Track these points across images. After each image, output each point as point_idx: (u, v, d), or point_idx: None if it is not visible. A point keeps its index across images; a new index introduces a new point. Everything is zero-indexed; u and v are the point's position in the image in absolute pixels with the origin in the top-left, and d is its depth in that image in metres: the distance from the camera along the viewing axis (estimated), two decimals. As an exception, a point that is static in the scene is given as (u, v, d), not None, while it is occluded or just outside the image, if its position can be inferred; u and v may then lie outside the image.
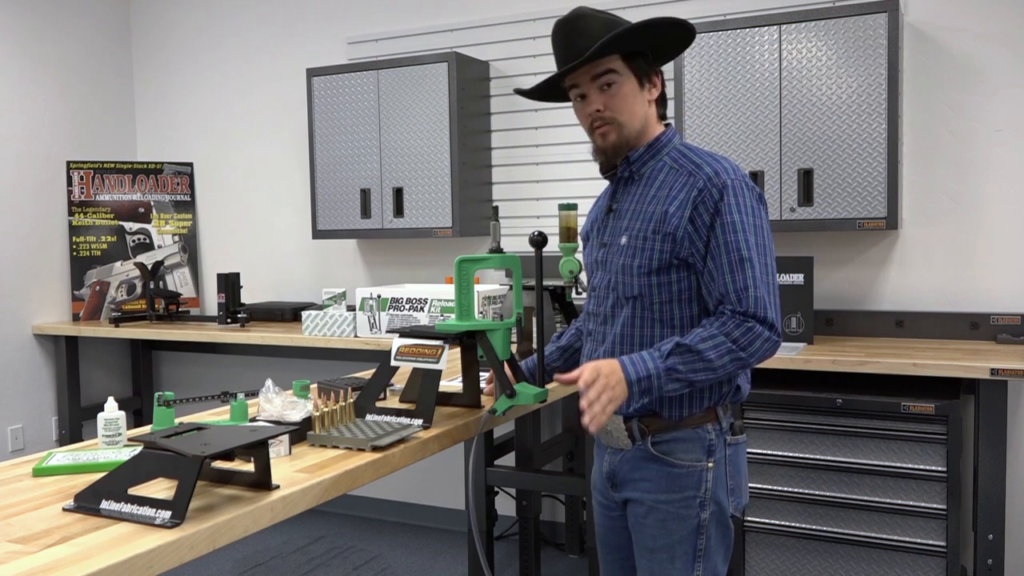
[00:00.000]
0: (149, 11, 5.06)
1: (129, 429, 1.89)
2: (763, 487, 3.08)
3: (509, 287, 3.50)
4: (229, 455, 1.53)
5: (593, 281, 1.92)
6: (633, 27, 1.73)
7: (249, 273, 4.78)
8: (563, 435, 3.80)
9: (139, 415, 4.93)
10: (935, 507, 2.85)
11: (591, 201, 3.83)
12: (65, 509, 1.41)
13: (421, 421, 1.89)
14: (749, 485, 3.03)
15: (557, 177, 4.02)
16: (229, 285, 4.36)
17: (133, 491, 1.39)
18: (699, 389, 1.75)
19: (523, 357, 2.22)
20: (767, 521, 3.09)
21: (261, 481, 1.50)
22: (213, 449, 1.39)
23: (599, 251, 1.90)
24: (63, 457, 1.71)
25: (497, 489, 3.69)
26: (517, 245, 4.03)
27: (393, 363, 1.99)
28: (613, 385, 1.65)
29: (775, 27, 3.26)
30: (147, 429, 1.91)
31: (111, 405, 1.83)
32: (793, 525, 3.05)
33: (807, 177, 3.24)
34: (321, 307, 4.00)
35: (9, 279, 4.47)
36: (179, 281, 4.94)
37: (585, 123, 1.84)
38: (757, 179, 3.31)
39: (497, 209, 3.08)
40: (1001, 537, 2.80)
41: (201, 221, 5.00)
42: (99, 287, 4.75)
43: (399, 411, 1.95)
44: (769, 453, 3.08)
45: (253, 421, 1.90)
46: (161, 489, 1.48)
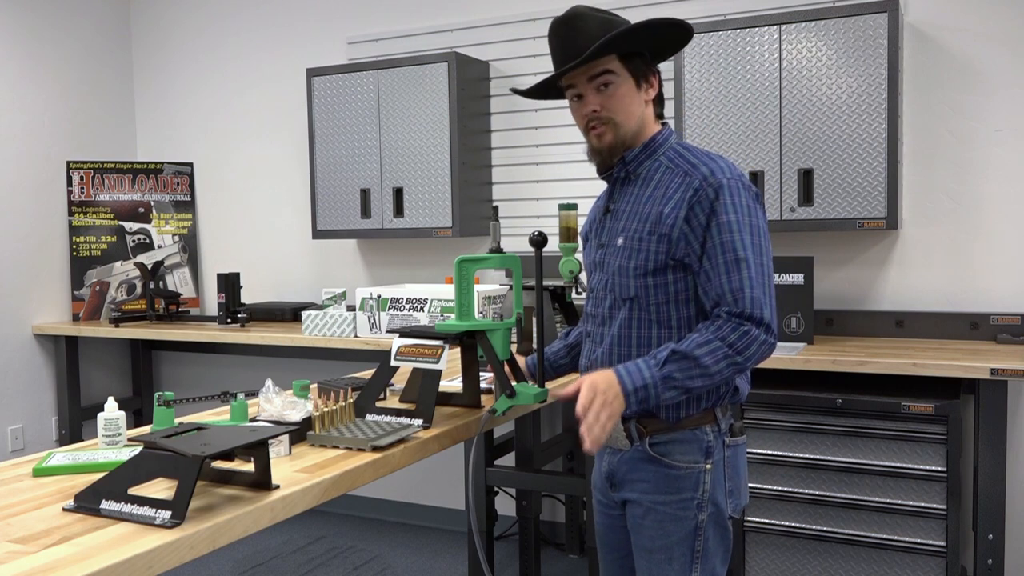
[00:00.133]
0: (149, 11, 5.06)
1: (129, 429, 1.89)
2: (763, 487, 3.08)
3: (509, 287, 3.50)
4: (229, 455, 1.53)
5: (591, 282, 1.92)
6: (630, 28, 1.72)
7: (249, 273, 4.78)
8: (563, 435, 3.80)
9: (139, 415, 4.94)
10: (935, 507, 2.85)
11: (591, 201, 3.83)
12: (65, 509, 1.41)
13: (421, 421, 1.89)
14: (749, 485, 3.05)
15: (557, 177, 4.02)
16: (229, 285, 4.36)
17: (133, 491, 1.39)
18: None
19: (524, 356, 2.22)
20: (767, 521, 3.09)
21: (261, 481, 1.50)
22: (213, 449, 1.39)
23: (597, 252, 1.90)
24: (63, 457, 1.71)
25: (497, 489, 3.69)
26: (517, 245, 4.03)
27: (393, 363, 1.99)
28: (611, 400, 1.64)
29: (775, 27, 3.26)
30: (147, 429, 1.91)
31: (111, 405, 1.83)
32: (793, 525, 3.05)
33: (807, 177, 3.24)
34: (321, 307, 4.00)
35: (9, 279, 4.47)
36: (179, 281, 4.94)
37: (581, 123, 1.83)
38: (757, 179, 3.32)
39: (497, 209, 3.08)
40: (1001, 537, 2.80)
41: (201, 221, 5.00)
42: (99, 287, 4.75)
43: (399, 411, 1.95)
44: (769, 453, 3.08)
45: (253, 421, 1.90)
46: (161, 489, 1.48)
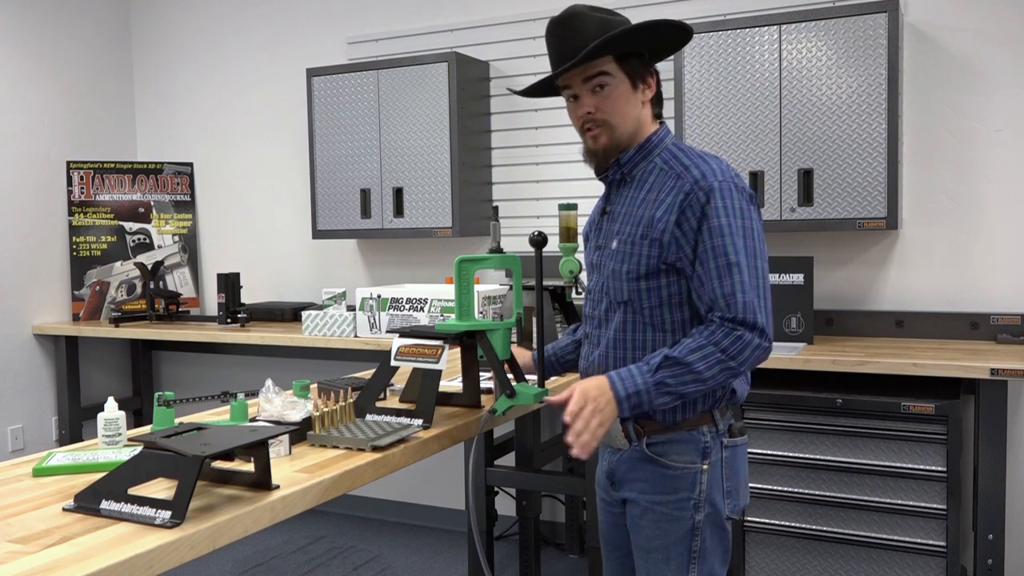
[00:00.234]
0: (149, 11, 5.06)
1: (129, 429, 1.89)
2: (763, 487, 3.08)
3: (509, 287, 3.50)
4: (229, 455, 1.53)
5: (589, 283, 1.92)
6: (626, 30, 1.70)
7: (249, 273, 4.78)
8: (563, 435, 3.79)
9: (139, 415, 4.94)
10: (935, 507, 2.85)
11: (591, 201, 3.84)
12: (65, 509, 1.41)
13: (421, 421, 1.89)
14: (749, 485, 3.05)
15: (557, 177, 4.02)
16: (229, 285, 4.36)
17: (133, 491, 1.39)
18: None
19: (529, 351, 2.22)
20: (767, 521, 3.09)
21: (261, 481, 1.50)
22: (213, 449, 1.39)
23: (594, 254, 1.90)
24: (63, 457, 1.71)
25: (497, 489, 3.69)
26: (517, 245, 4.03)
27: (393, 363, 1.99)
28: (602, 407, 1.66)
29: (775, 27, 3.26)
30: (147, 429, 1.91)
31: (111, 405, 1.83)
32: (793, 525, 3.05)
33: (807, 177, 3.24)
34: (321, 307, 4.00)
35: (9, 279, 4.47)
36: (179, 281, 4.94)
37: (577, 124, 1.83)
38: (757, 179, 3.32)
39: (497, 209, 3.08)
40: (1001, 537, 2.80)
41: (201, 221, 5.00)
42: (99, 287, 4.75)
43: (399, 411, 1.95)
44: (769, 453, 3.08)
45: (253, 421, 1.90)
46: (161, 489, 1.48)
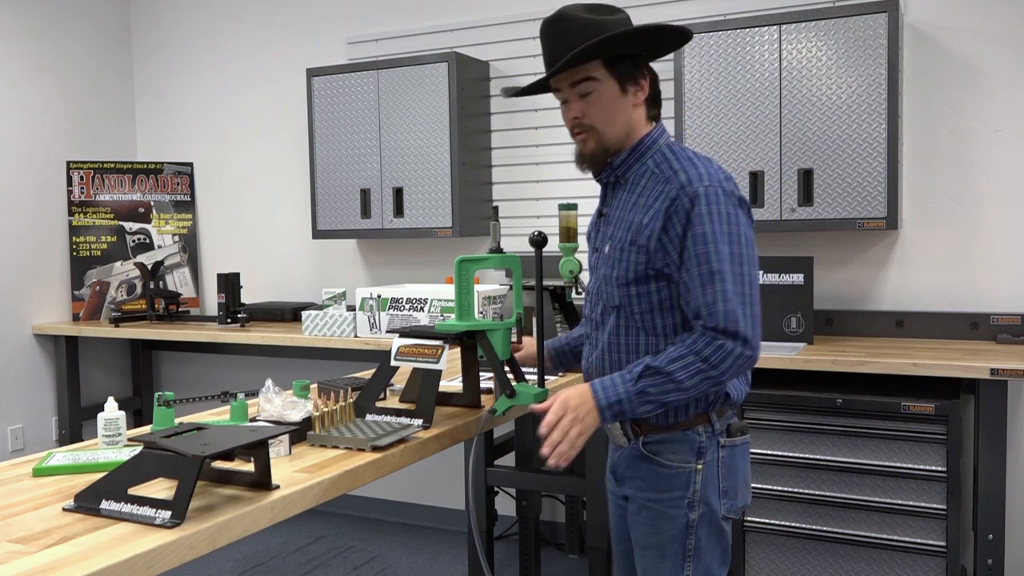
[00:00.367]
0: (149, 11, 5.06)
1: (129, 429, 1.89)
2: (763, 487, 3.08)
3: (509, 287, 3.50)
4: (229, 455, 1.53)
5: (588, 284, 1.93)
6: (608, 37, 1.68)
7: (249, 273, 4.78)
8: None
9: (139, 415, 4.94)
10: (935, 507, 2.85)
11: (591, 201, 3.84)
12: (65, 509, 1.41)
13: (421, 421, 1.89)
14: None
15: (557, 177, 4.02)
16: (229, 285, 4.36)
17: (133, 491, 1.39)
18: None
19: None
20: (767, 521, 3.09)
21: (261, 481, 1.50)
22: (213, 449, 1.39)
23: (592, 256, 1.90)
24: (63, 457, 1.71)
25: (497, 489, 3.69)
26: (517, 245, 4.03)
27: (393, 363, 1.99)
28: (583, 417, 1.67)
29: (775, 27, 3.26)
30: (147, 429, 1.91)
31: (111, 405, 1.83)
32: (793, 525, 3.05)
33: (807, 177, 3.24)
34: (321, 307, 4.00)
35: (9, 279, 4.47)
36: (179, 281, 4.94)
37: (568, 128, 1.84)
38: (757, 179, 3.32)
39: (497, 209, 3.08)
40: (1001, 537, 2.80)
41: (201, 221, 5.00)
42: (99, 287, 4.75)
43: (399, 411, 1.95)
44: (769, 453, 3.08)
45: (253, 421, 1.90)
46: (161, 489, 1.48)
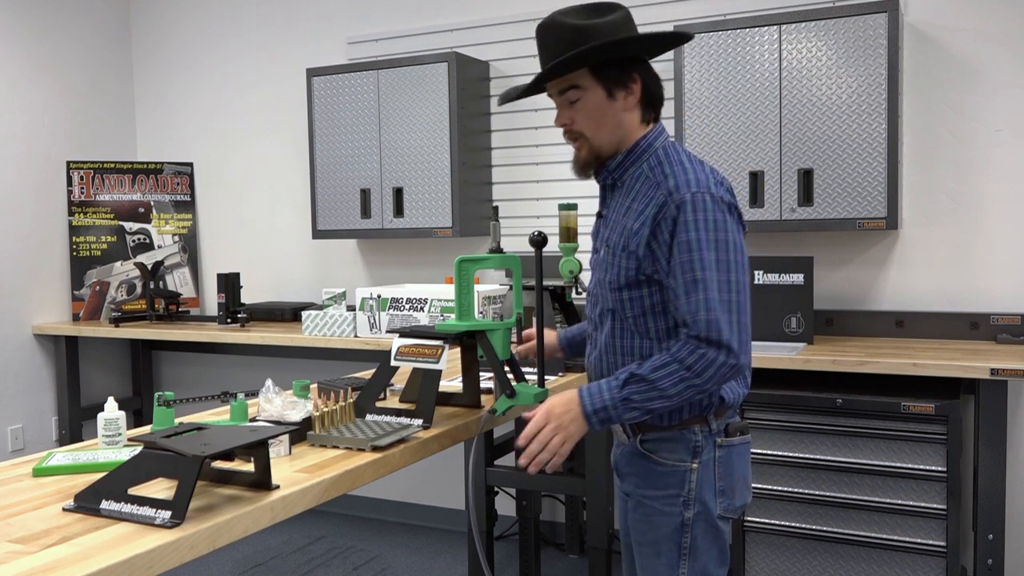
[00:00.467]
0: (149, 11, 5.06)
1: (129, 429, 1.89)
2: (763, 487, 3.08)
3: (509, 287, 3.50)
4: (229, 455, 1.53)
5: (589, 284, 1.93)
6: (583, 51, 1.68)
7: (249, 273, 4.78)
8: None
9: (139, 415, 4.94)
10: (935, 507, 2.85)
11: (591, 201, 3.83)
12: (65, 509, 1.41)
13: (421, 421, 1.89)
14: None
15: (557, 177, 4.02)
16: (229, 285, 4.36)
17: (133, 491, 1.39)
18: (692, 400, 1.71)
19: (523, 357, 2.22)
20: (767, 521, 3.09)
21: (261, 481, 1.50)
22: (213, 449, 1.39)
23: (592, 257, 1.91)
24: (63, 457, 1.71)
25: (497, 489, 3.69)
26: (517, 245, 4.03)
27: (393, 363, 1.99)
28: (566, 424, 1.69)
29: (775, 27, 3.26)
30: (147, 429, 1.91)
31: (111, 405, 1.83)
32: (793, 525, 3.05)
33: (807, 177, 3.24)
34: (321, 307, 4.00)
35: (9, 279, 4.47)
36: (179, 281, 4.94)
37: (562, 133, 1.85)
38: (757, 179, 3.31)
39: (497, 209, 3.08)
40: (1001, 537, 2.80)
41: (201, 221, 5.00)
42: (99, 287, 4.75)
43: (399, 411, 1.95)
44: (769, 453, 3.08)
45: (253, 421, 1.90)
46: (161, 489, 1.48)
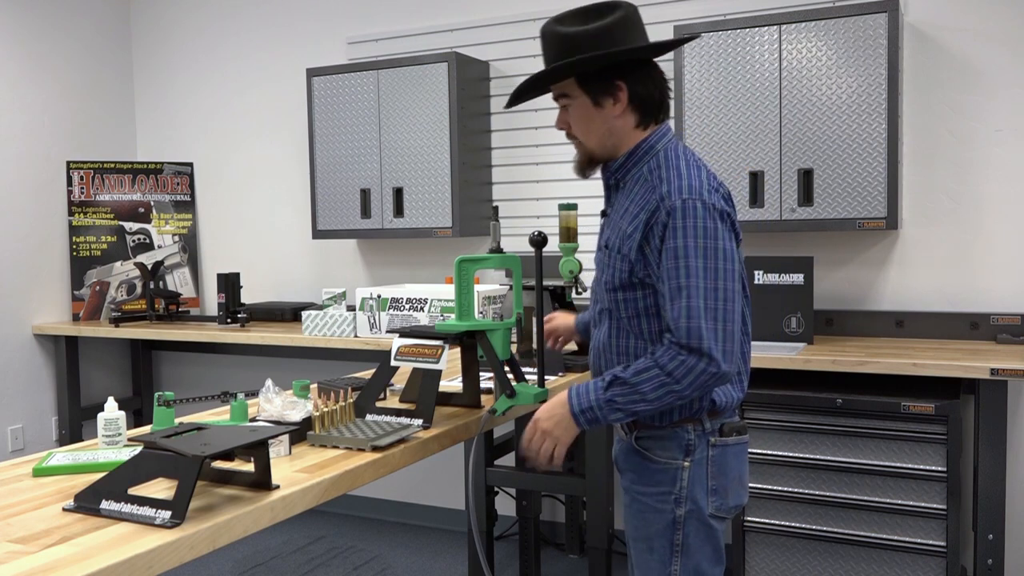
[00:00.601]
0: (149, 11, 5.06)
1: (129, 429, 1.89)
2: (763, 487, 3.08)
3: (509, 287, 3.50)
4: (229, 455, 1.53)
5: (592, 282, 1.94)
6: (556, 67, 1.72)
7: (249, 273, 4.78)
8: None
9: (139, 415, 4.94)
10: (935, 507, 2.85)
11: (591, 201, 3.84)
12: (65, 509, 1.41)
13: (421, 421, 1.89)
14: (749, 485, 3.04)
15: (557, 177, 4.02)
16: (229, 285, 4.36)
17: (133, 491, 1.39)
18: (674, 405, 1.71)
19: (523, 357, 2.22)
20: (767, 521, 3.09)
21: (261, 481, 1.50)
22: (213, 449, 1.39)
23: (596, 254, 1.91)
24: (63, 457, 1.71)
25: (497, 489, 3.69)
26: (517, 245, 4.03)
27: (393, 363, 1.99)
28: (551, 429, 1.76)
29: (775, 27, 3.26)
30: (147, 429, 1.91)
31: (111, 405, 1.83)
32: (793, 525, 3.05)
33: (807, 177, 3.24)
34: (321, 307, 4.00)
35: (9, 279, 4.47)
36: (179, 281, 4.94)
37: None
38: (757, 179, 3.31)
39: (497, 209, 3.08)
40: (1001, 537, 2.80)
41: (201, 221, 5.00)
42: (99, 287, 4.75)
43: (399, 411, 1.95)
44: (769, 453, 3.08)
45: (253, 421, 1.91)
46: (161, 489, 1.48)
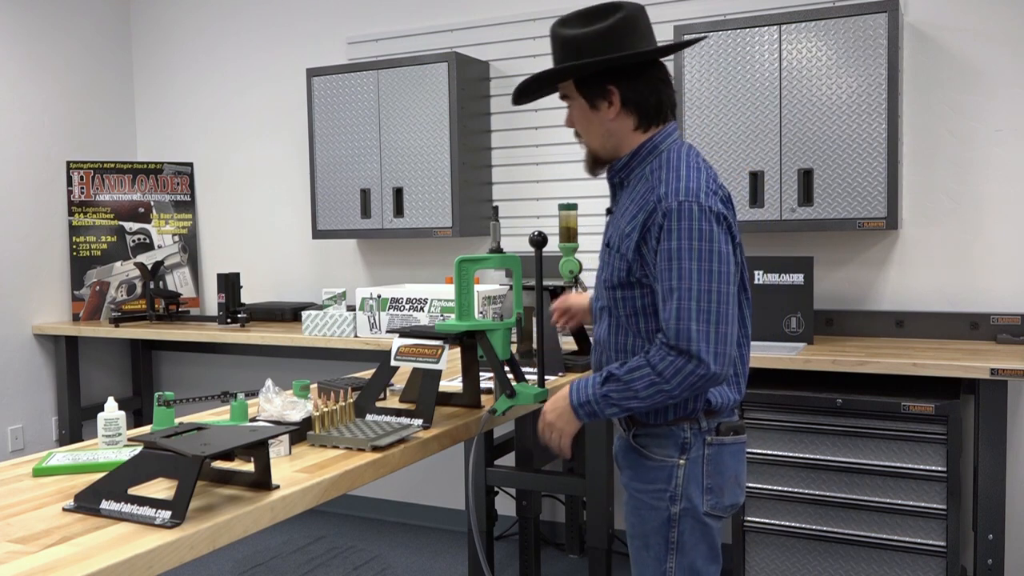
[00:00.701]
0: (149, 11, 5.06)
1: (129, 429, 1.89)
2: (763, 487, 3.08)
3: (509, 287, 3.50)
4: (229, 455, 1.53)
5: (596, 280, 1.96)
6: (540, 75, 1.79)
7: (249, 273, 4.78)
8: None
9: (139, 415, 4.93)
10: (935, 507, 2.85)
11: (591, 201, 3.84)
12: (65, 509, 1.41)
13: (421, 421, 1.90)
14: (750, 485, 3.05)
15: (557, 177, 4.02)
16: (229, 285, 4.36)
17: (133, 491, 1.39)
18: (665, 404, 1.74)
19: (523, 357, 2.23)
20: (767, 521, 3.09)
21: (261, 481, 1.50)
22: (213, 449, 1.39)
23: (600, 251, 1.92)
24: (63, 457, 1.71)
25: (497, 489, 3.69)
26: (517, 245, 4.03)
27: (393, 363, 1.99)
28: (552, 421, 1.82)
29: (775, 27, 3.26)
30: (147, 429, 1.91)
31: (111, 405, 1.83)
32: (793, 525, 3.05)
33: (807, 177, 3.24)
34: (321, 307, 4.00)
35: (9, 279, 4.47)
36: (179, 281, 4.94)
37: None
38: (757, 179, 3.31)
39: (497, 209, 3.08)
40: (1001, 537, 2.80)
41: (201, 221, 5.00)
42: (99, 287, 4.75)
43: (399, 411, 1.95)
44: (769, 453, 3.08)
45: (253, 421, 1.91)
46: (161, 489, 1.48)
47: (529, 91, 1.87)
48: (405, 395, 2.18)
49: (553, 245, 3.51)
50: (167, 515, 1.33)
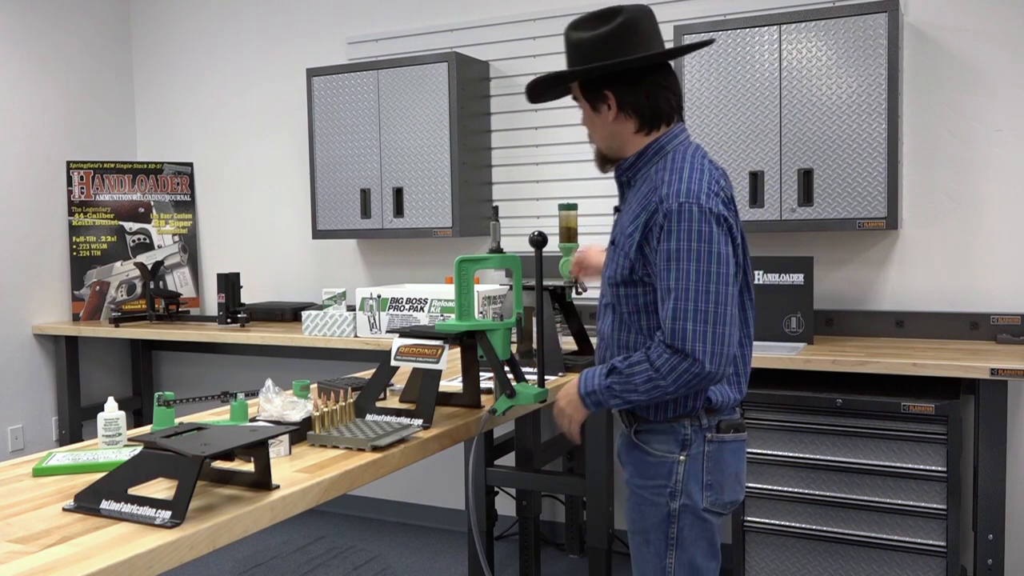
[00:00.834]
0: (149, 11, 5.06)
1: (129, 429, 1.89)
2: (763, 487, 3.08)
3: (509, 287, 3.50)
4: (229, 455, 1.54)
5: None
6: (547, 77, 1.84)
7: (249, 273, 4.78)
8: (563, 435, 3.79)
9: (139, 415, 4.93)
10: (935, 507, 2.85)
11: (591, 201, 3.84)
12: (65, 509, 1.41)
13: (421, 421, 1.90)
14: (749, 485, 3.05)
15: (557, 177, 4.02)
16: (229, 285, 4.36)
17: (133, 491, 1.39)
18: (663, 400, 1.77)
19: (523, 357, 2.23)
20: (767, 521, 3.09)
21: (261, 481, 1.50)
22: (213, 449, 1.39)
23: (607, 248, 1.95)
24: (63, 457, 1.71)
25: (497, 489, 3.69)
26: (517, 245, 4.03)
27: (393, 363, 1.99)
28: (563, 407, 1.89)
29: (775, 27, 3.26)
30: (147, 429, 1.91)
31: (111, 405, 1.83)
32: (793, 525, 3.05)
33: (807, 177, 3.24)
34: (321, 307, 4.00)
35: (9, 279, 4.47)
36: (179, 281, 4.94)
37: None
38: (757, 179, 3.31)
39: (497, 209, 3.08)
40: (1001, 537, 2.80)
41: (201, 221, 5.00)
42: (99, 287, 4.75)
43: (399, 411, 1.95)
44: (769, 453, 3.08)
45: (253, 421, 1.91)
46: (161, 489, 1.48)
47: (538, 91, 1.91)
48: (405, 395, 2.18)
49: (553, 245, 3.51)
50: (167, 515, 1.33)
